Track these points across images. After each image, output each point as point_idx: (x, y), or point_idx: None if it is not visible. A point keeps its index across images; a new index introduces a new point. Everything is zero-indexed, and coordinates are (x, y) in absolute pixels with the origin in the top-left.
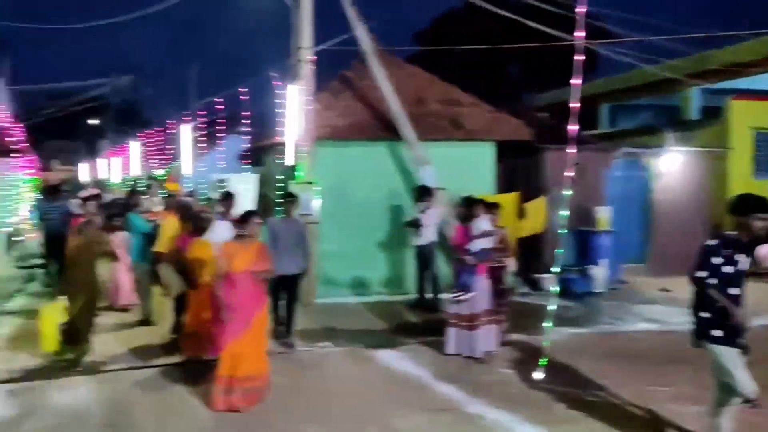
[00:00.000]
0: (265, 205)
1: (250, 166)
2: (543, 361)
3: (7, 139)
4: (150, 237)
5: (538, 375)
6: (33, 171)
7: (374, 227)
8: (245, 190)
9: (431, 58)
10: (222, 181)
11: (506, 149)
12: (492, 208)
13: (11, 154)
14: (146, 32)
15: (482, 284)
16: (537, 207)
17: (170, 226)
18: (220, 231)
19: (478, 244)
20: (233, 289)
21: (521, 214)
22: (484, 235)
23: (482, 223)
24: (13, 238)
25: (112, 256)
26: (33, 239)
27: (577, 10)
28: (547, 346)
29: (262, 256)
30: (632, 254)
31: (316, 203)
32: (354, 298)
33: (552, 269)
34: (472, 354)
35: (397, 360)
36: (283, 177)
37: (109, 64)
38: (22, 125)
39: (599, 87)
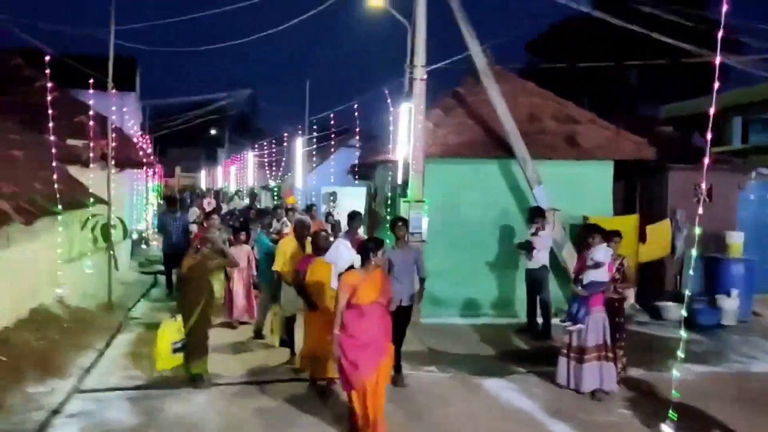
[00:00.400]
0: (373, 220)
1: (359, 180)
2: (673, 414)
3: (137, 152)
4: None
5: (668, 429)
6: (158, 178)
7: (483, 247)
8: (354, 203)
9: (543, 68)
10: (332, 194)
11: (626, 167)
12: (612, 235)
13: (140, 167)
14: (265, 49)
15: (595, 317)
16: (660, 230)
17: (288, 245)
18: (342, 252)
19: (590, 275)
20: (360, 321)
21: (642, 237)
22: (597, 266)
23: (598, 252)
24: (140, 244)
25: (227, 272)
26: (156, 244)
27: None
28: (672, 390)
29: (386, 285)
30: (766, 284)
31: (425, 221)
32: (460, 319)
33: (676, 298)
34: (578, 389)
35: (506, 390)
36: (392, 194)
37: (230, 78)
38: (149, 137)
39: (731, 99)
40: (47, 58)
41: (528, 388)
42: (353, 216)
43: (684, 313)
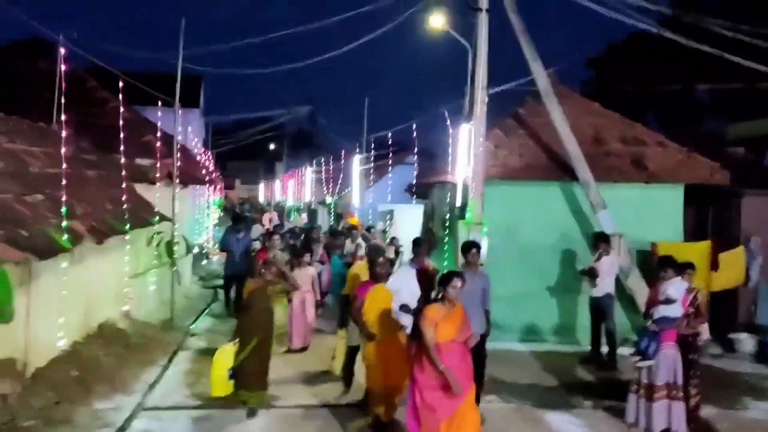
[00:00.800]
0: (430, 241)
1: (416, 199)
2: None
3: (200, 169)
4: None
5: None
6: (219, 192)
7: (545, 271)
8: (411, 222)
9: (606, 85)
10: (389, 212)
11: (696, 191)
12: (685, 267)
13: (203, 183)
14: (325, 67)
15: (666, 354)
16: (733, 258)
17: (360, 270)
18: (407, 282)
19: (661, 311)
20: (441, 359)
21: (715, 265)
22: (669, 301)
23: (670, 287)
24: (201, 258)
25: (288, 297)
26: (217, 258)
27: None
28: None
29: (466, 323)
30: None
31: (485, 244)
32: (521, 345)
33: (750, 329)
34: (648, 428)
35: (572, 425)
36: (450, 215)
37: (290, 93)
38: (211, 152)
39: None
40: (120, 84)
41: (595, 424)
42: (418, 242)
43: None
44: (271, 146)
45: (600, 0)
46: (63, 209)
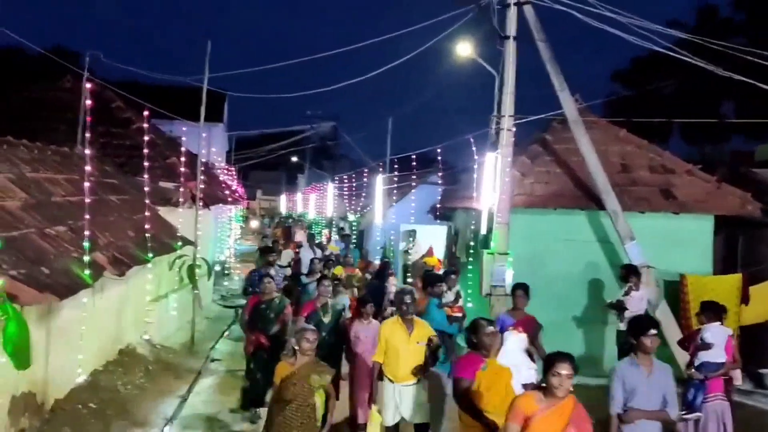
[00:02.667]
0: (452, 265)
1: (439, 220)
2: None
3: (223, 190)
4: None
5: None
6: (240, 205)
7: (570, 302)
8: (433, 242)
9: (629, 101)
10: (411, 231)
11: (726, 221)
12: (723, 312)
13: (226, 203)
14: (351, 86)
15: (713, 407)
16: (765, 291)
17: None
18: (519, 350)
19: (701, 356)
20: None
21: (746, 299)
22: (705, 346)
23: (706, 332)
24: (222, 276)
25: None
26: (238, 274)
27: None
28: None
29: (583, 423)
30: None
31: (510, 274)
32: None
33: None
34: None
35: None
36: (474, 242)
37: (313, 108)
38: (234, 167)
39: None
40: (146, 113)
41: None
42: (520, 289)
43: None
44: (294, 159)
45: (623, 25)
46: (85, 244)
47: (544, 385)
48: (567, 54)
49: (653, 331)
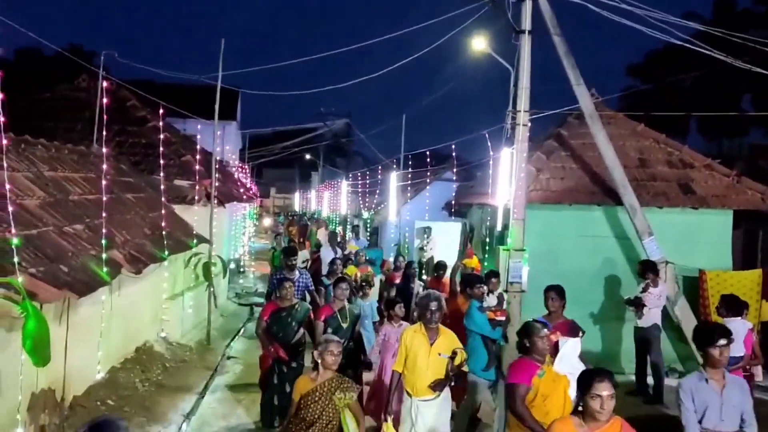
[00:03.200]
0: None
1: (454, 216)
2: None
3: (238, 187)
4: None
5: None
6: (255, 202)
7: (587, 299)
8: (449, 239)
9: (646, 95)
10: (426, 228)
11: (745, 215)
12: (745, 307)
13: (240, 201)
14: (366, 82)
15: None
16: None
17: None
18: (573, 355)
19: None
20: None
21: (766, 294)
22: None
23: (737, 326)
24: (237, 273)
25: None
26: (253, 271)
27: None
28: None
29: None
30: None
31: (526, 271)
32: None
33: None
34: None
35: None
36: (489, 237)
37: (326, 105)
38: (248, 165)
39: None
40: (161, 111)
41: None
42: (552, 291)
43: None
44: (308, 156)
45: (639, 17)
46: (103, 242)
47: (581, 408)
48: (582, 48)
49: (723, 341)
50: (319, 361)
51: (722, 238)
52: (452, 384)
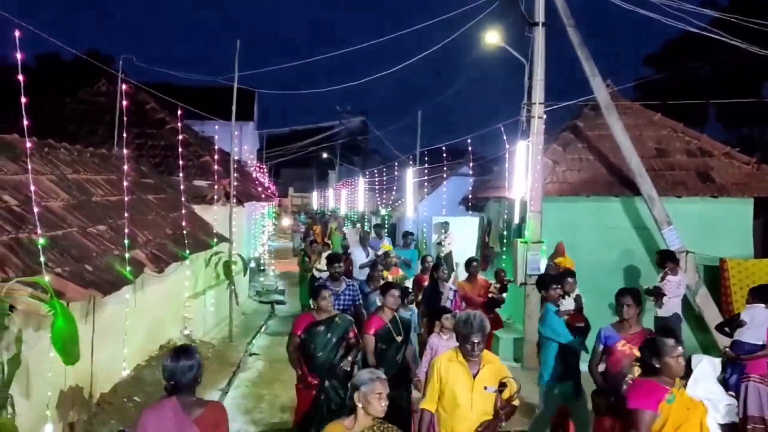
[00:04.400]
0: (485, 255)
1: (471, 211)
2: None
3: (256, 186)
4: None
5: None
6: (273, 201)
7: (606, 290)
8: (466, 234)
9: (663, 84)
10: (444, 224)
11: (765, 205)
12: None
13: (259, 200)
14: (379, 79)
15: (754, 387)
16: None
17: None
18: (706, 378)
19: (735, 335)
20: None
21: None
22: (740, 324)
23: (746, 312)
24: (257, 272)
25: None
26: (273, 269)
27: None
28: None
29: None
30: None
31: (544, 263)
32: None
33: None
34: None
35: None
36: (507, 231)
37: (342, 103)
38: (266, 165)
39: None
40: (179, 113)
41: None
42: (627, 295)
43: None
44: (324, 155)
45: (655, 6)
46: (126, 242)
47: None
48: (599, 40)
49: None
50: (360, 405)
51: (743, 227)
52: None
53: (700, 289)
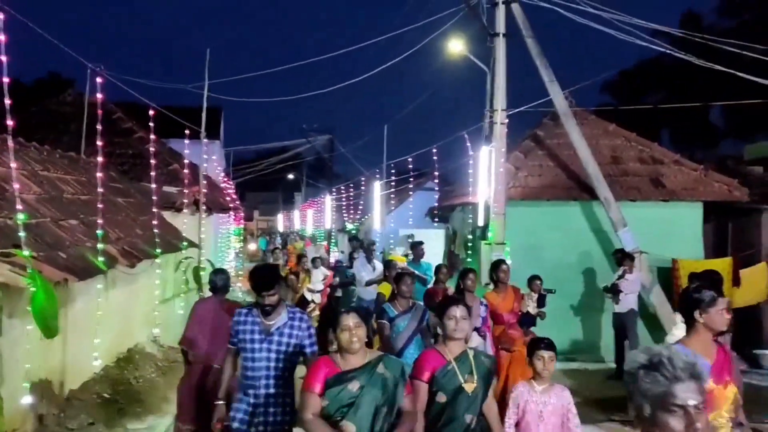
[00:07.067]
0: (452, 263)
1: (437, 223)
2: None
3: (224, 197)
4: None
5: None
6: (238, 221)
7: (566, 290)
8: (432, 245)
9: (621, 110)
10: (410, 236)
11: (715, 209)
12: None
13: (227, 211)
14: (342, 93)
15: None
16: (756, 274)
17: None
18: None
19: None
20: None
21: (737, 282)
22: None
23: None
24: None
25: None
26: (240, 286)
27: None
28: None
29: None
30: None
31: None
32: None
33: None
34: None
35: None
36: (472, 237)
37: (308, 121)
38: (232, 182)
39: None
40: (151, 112)
41: None
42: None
43: None
44: (290, 176)
45: (611, 24)
46: (99, 232)
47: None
48: (556, 64)
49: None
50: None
51: (693, 230)
52: None
53: (654, 287)
